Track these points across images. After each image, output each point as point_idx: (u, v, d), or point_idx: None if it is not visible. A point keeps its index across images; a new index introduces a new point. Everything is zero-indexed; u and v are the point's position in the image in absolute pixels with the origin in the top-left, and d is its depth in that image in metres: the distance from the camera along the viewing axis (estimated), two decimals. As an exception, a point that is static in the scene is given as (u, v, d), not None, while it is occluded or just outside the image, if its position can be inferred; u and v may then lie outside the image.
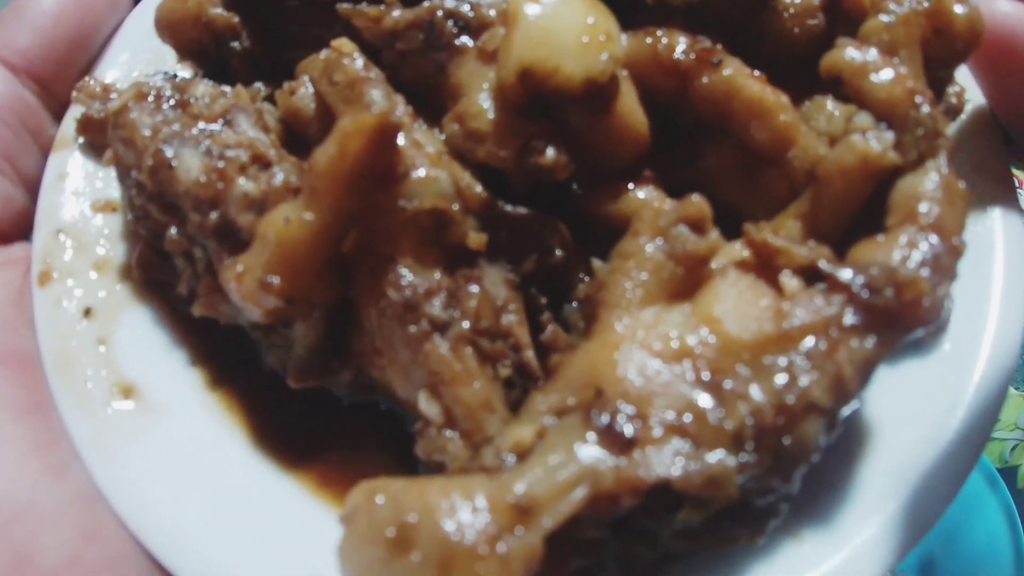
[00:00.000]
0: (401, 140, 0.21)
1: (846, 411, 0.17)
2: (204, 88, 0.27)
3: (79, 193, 0.30)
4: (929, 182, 0.20)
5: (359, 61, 0.26)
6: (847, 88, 0.22)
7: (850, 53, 0.22)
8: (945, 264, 0.18)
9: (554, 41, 0.22)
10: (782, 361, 0.17)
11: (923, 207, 0.19)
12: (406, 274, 0.21)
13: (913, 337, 0.18)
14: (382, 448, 0.25)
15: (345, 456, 0.25)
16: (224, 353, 0.27)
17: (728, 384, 0.16)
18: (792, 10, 0.27)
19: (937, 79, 0.26)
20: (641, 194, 0.25)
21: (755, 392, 0.16)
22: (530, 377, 0.23)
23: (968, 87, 0.33)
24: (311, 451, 0.25)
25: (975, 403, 0.25)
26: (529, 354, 0.23)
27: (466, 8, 0.26)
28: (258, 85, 0.31)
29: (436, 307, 0.20)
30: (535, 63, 0.22)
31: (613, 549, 0.18)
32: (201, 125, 0.25)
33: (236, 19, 0.30)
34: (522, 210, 0.23)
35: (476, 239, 0.22)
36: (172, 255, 0.26)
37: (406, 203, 0.21)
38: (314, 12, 0.31)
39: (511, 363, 0.23)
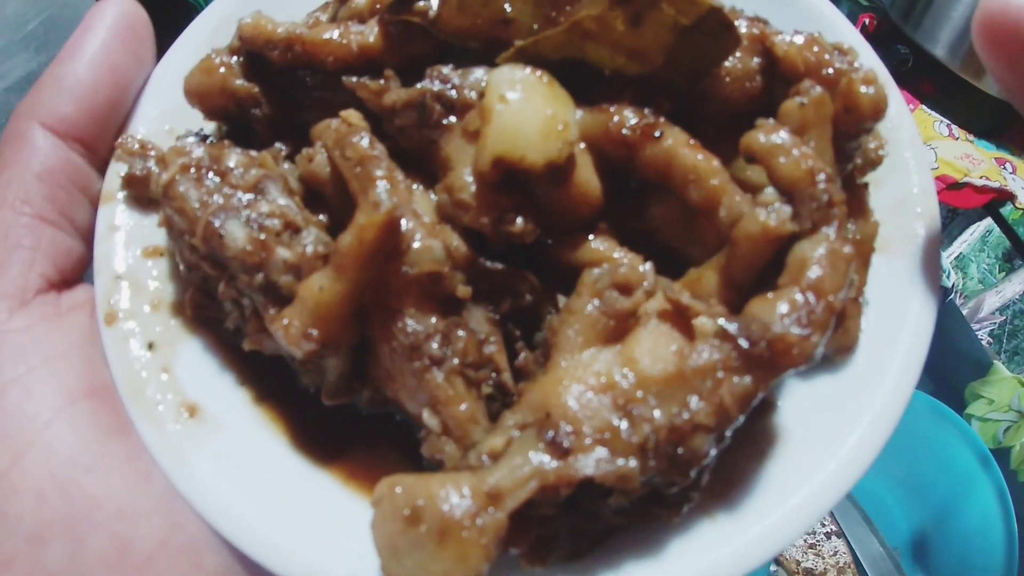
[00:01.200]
0: (403, 221, 0.30)
1: (730, 431, 0.26)
2: (236, 158, 0.35)
3: (129, 242, 0.38)
4: (817, 249, 0.28)
5: (365, 139, 0.33)
6: (759, 165, 0.30)
7: (761, 137, 0.30)
8: (818, 319, 0.26)
9: (519, 134, 0.30)
10: (679, 393, 0.25)
11: (807, 271, 0.27)
12: (410, 323, 0.29)
13: (788, 375, 0.26)
14: (396, 448, 0.34)
15: (367, 455, 0.34)
16: (265, 375, 0.36)
17: (637, 410, 0.25)
18: (732, 76, 0.35)
19: (847, 147, 0.33)
20: (597, 244, 0.33)
21: (657, 415, 0.25)
22: (507, 393, 0.32)
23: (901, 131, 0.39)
24: (340, 452, 0.34)
25: (875, 413, 0.34)
26: (506, 376, 0.32)
27: (451, 92, 0.33)
28: (278, 145, 0.39)
29: (433, 347, 0.29)
30: (504, 154, 0.30)
31: (565, 523, 0.27)
32: (239, 195, 0.33)
33: (256, 88, 0.38)
34: (499, 265, 0.31)
35: (463, 291, 0.31)
36: (219, 299, 0.34)
37: (408, 269, 0.29)
38: (323, 81, 0.38)
39: (493, 383, 0.31)
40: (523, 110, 0.30)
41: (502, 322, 0.32)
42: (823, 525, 1.07)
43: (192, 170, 0.34)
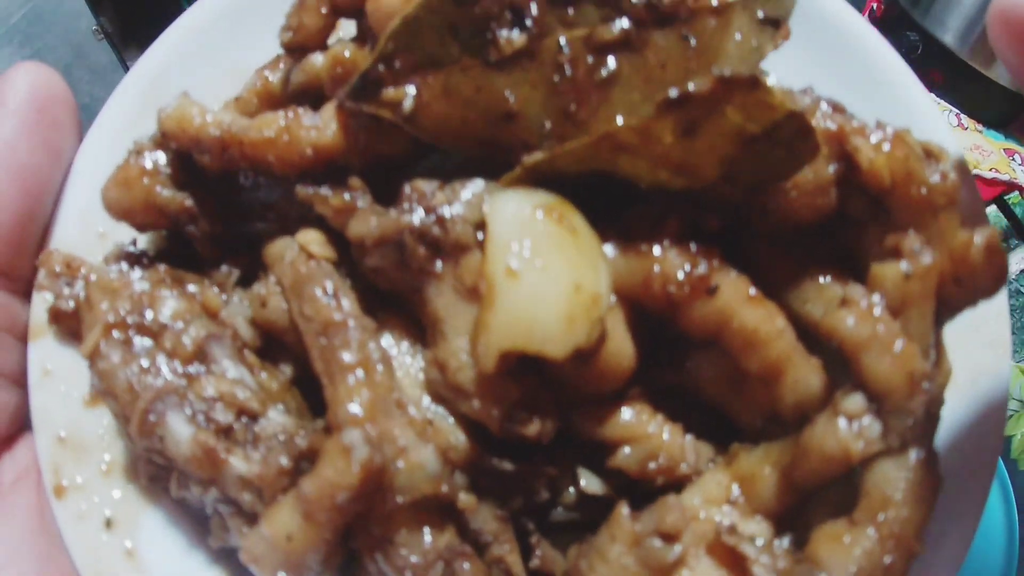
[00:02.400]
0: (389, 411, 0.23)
1: None
2: (172, 306, 0.28)
3: (68, 390, 0.31)
4: (903, 479, 0.22)
5: (328, 296, 0.26)
6: (845, 355, 0.23)
7: (851, 322, 0.22)
8: (897, 569, 0.21)
9: (535, 323, 0.22)
10: None
11: (890, 512, 0.21)
12: (403, 553, 0.24)
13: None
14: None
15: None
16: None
17: None
18: (800, 189, 0.26)
19: (942, 318, 0.25)
20: (627, 417, 0.27)
21: None
22: (523, 597, 0.27)
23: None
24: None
25: None
26: (521, 581, 0.27)
27: (436, 229, 0.25)
28: (225, 268, 0.31)
29: (433, 580, 0.24)
30: (516, 348, 0.22)
31: None
32: (178, 368, 0.26)
33: (188, 201, 0.29)
34: (508, 466, 0.25)
35: (466, 501, 0.25)
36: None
37: (398, 498, 0.23)
38: (272, 185, 0.30)
39: (505, 585, 0.27)
40: (540, 289, 0.22)
41: (513, 516, 0.27)
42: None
43: (116, 332, 0.27)
